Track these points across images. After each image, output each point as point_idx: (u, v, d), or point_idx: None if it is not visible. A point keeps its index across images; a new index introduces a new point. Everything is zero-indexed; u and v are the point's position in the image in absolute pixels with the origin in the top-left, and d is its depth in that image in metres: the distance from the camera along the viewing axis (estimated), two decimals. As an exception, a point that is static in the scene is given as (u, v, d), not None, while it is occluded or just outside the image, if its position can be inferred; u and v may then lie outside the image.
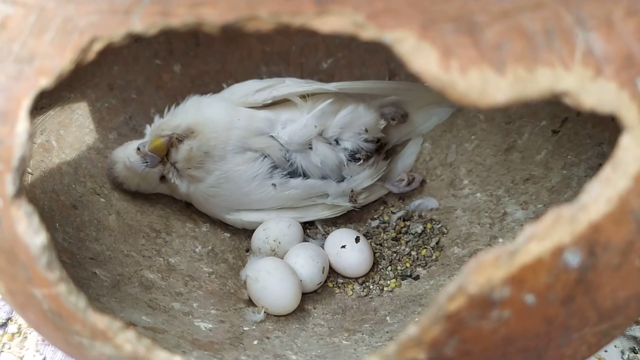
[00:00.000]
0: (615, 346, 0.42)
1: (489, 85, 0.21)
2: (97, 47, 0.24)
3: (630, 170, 0.22)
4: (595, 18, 0.23)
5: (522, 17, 0.23)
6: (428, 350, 0.22)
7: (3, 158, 0.24)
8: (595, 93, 0.22)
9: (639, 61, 0.23)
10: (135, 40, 0.51)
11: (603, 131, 0.43)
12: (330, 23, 0.22)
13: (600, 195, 0.22)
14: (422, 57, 0.21)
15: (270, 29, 0.23)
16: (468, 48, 0.22)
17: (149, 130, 0.47)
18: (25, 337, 0.43)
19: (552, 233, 0.21)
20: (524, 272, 0.21)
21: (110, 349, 0.24)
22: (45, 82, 0.24)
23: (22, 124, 0.24)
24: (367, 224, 0.51)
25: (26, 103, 0.25)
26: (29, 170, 0.42)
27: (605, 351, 0.41)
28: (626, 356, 0.41)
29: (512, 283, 0.21)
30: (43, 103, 0.46)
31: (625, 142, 0.23)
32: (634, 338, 0.42)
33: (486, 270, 0.21)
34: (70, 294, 0.24)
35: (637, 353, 0.41)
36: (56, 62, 0.24)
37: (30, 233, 0.24)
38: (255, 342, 0.39)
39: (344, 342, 0.40)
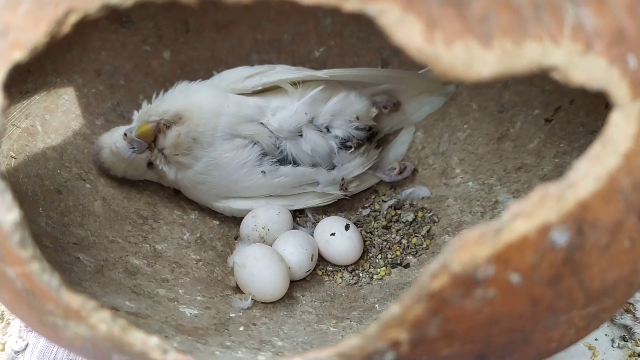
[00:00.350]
0: (605, 334, 0.41)
1: (475, 58, 0.21)
2: (73, 19, 0.23)
3: (619, 148, 0.22)
4: (586, -7, 0.23)
5: (510, -10, 0.22)
6: (410, 330, 0.21)
7: (-24, 133, 0.24)
8: (584, 68, 0.22)
9: (631, 37, 0.23)
10: (123, 26, 0.50)
11: (596, 119, 0.43)
12: (312, -6, 0.21)
13: (588, 173, 0.21)
14: (405, 29, 0.21)
15: (250, 1, 0.22)
16: (453, 20, 0.21)
17: (136, 116, 0.47)
18: (8, 324, 0.43)
19: (538, 211, 0.21)
20: (509, 250, 0.21)
21: (84, 329, 0.23)
22: (19, 55, 0.24)
23: (-4, 97, 0.24)
24: (358, 213, 0.51)
25: (0, 77, 0.24)
26: (12, 154, 0.41)
27: (596, 340, 0.41)
28: (617, 344, 0.41)
29: (497, 262, 0.21)
30: (28, 87, 0.45)
31: (615, 119, 0.22)
32: (625, 326, 0.41)
33: (470, 248, 0.20)
34: (44, 272, 0.23)
35: (627, 341, 0.41)
36: (30, 35, 0.24)
37: (3, 210, 0.23)
38: (241, 329, 0.38)
39: (331, 328, 0.39)
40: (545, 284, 0.22)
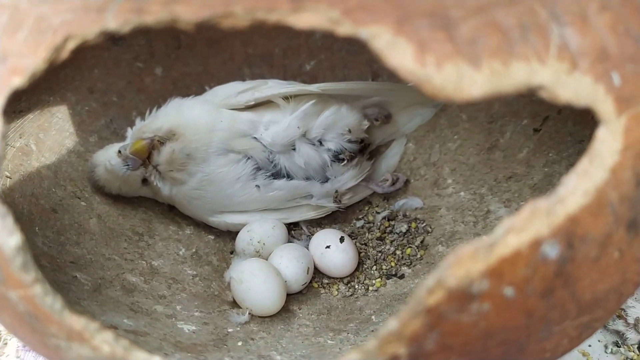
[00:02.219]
0: (598, 340, 0.42)
1: (465, 79, 0.21)
2: (71, 45, 0.24)
3: (606, 163, 0.23)
4: (570, 13, 0.24)
5: (497, 12, 0.23)
6: (408, 345, 0.22)
7: (-24, 159, 0.24)
8: (571, 86, 0.23)
9: (614, 55, 0.24)
10: (116, 43, 0.51)
11: (584, 129, 0.44)
12: (306, 19, 0.22)
13: (577, 188, 0.22)
14: (397, 52, 0.21)
15: (246, 26, 0.23)
16: (443, 43, 0.22)
17: (130, 133, 0.47)
18: (6, 343, 0.43)
19: (529, 225, 0.21)
20: (503, 265, 0.21)
21: (87, 350, 0.24)
22: (18, 81, 0.24)
23: (-5, 123, 0.24)
24: (352, 224, 0.51)
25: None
26: (7, 174, 0.41)
27: (589, 346, 0.41)
28: (610, 350, 0.41)
29: (491, 276, 0.21)
30: (22, 106, 0.45)
31: (602, 134, 0.23)
32: (617, 332, 0.42)
33: (465, 263, 0.21)
34: (46, 295, 0.23)
35: (620, 347, 0.41)
36: (29, 61, 0.24)
37: (4, 234, 0.23)
38: (240, 344, 0.38)
39: (329, 341, 0.40)
40: (538, 297, 0.22)
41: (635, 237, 0.24)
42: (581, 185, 0.22)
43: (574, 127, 0.44)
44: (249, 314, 0.42)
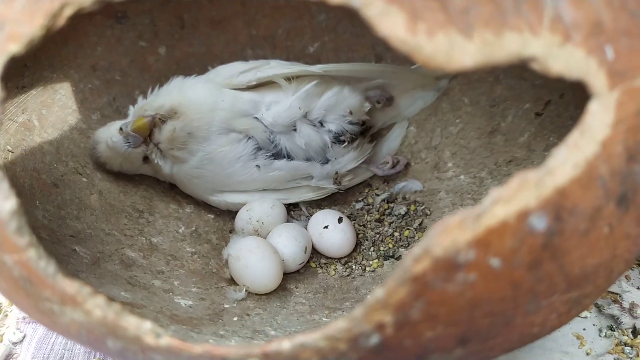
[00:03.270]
0: (593, 324, 0.42)
1: (456, 48, 0.21)
2: (68, 12, 0.24)
3: (597, 136, 0.23)
4: (566, -14, 0.23)
5: (491, -16, 0.23)
6: (394, 313, 0.22)
7: (-27, 123, 0.24)
8: (563, 59, 0.23)
9: (608, 28, 0.24)
10: (119, 22, 0.51)
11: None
12: (299, -13, 0.22)
13: (567, 160, 0.22)
14: (389, 20, 0.21)
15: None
16: (436, 12, 0.22)
17: (132, 110, 0.47)
18: (6, 315, 0.43)
19: (517, 197, 0.21)
20: (490, 235, 0.21)
21: (80, 314, 0.24)
22: (15, 47, 0.24)
23: (-8, 89, 0.24)
24: (352, 206, 0.52)
25: (-3, 69, 0.24)
26: (10, 148, 0.42)
27: (584, 329, 0.42)
28: (604, 334, 0.41)
29: (478, 246, 0.21)
30: (25, 82, 0.45)
31: (593, 108, 0.23)
32: (612, 316, 0.42)
33: (452, 232, 0.21)
34: (40, 259, 0.24)
35: (614, 331, 0.41)
36: (26, 28, 0.24)
37: (0, 198, 0.24)
38: (235, 319, 0.39)
39: (324, 319, 0.40)
40: (525, 269, 0.22)
41: (626, 213, 0.24)
42: (571, 157, 0.22)
43: (575, 112, 0.44)
44: (246, 291, 0.42)
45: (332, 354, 0.23)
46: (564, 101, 0.45)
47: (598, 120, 0.23)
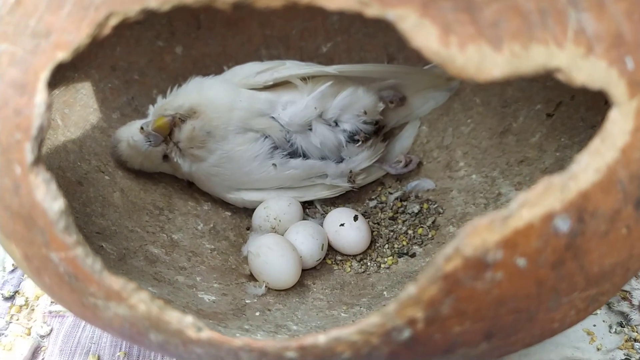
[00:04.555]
0: (603, 321, 0.43)
1: (486, 60, 0.23)
2: (113, 22, 0.25)
3: (617, 143, 0.24)
4: (588, -1, 0.25)
5: (518, -3, 0.24)
6: (425, 309, 0.23)
7: (22, 127, 0.26)
8: (586, 70, 0.24)
9: (629, 40, 0.25)
10: (137, 22, 0.52)
11: (596, 115, 0.45)
12: (337, 1, 0.23)
13: (589, 165, 0.23)
14: (422, 33, 0.23)
15: (280, 6, 0.24)
16: (466, 25, 0.23)
17: (151, 110, 0.48)
18: (33, 310, 0.44)
19: (543, 200, 0.23)
20: (516, 236, 0.23)
21: (124, 309, 0.25)
22: (62, 55, 0.25)
23: (41, 95, 0.25)
24: (365, 204, 0.53)
25: (44, 75, 0.26)
26: (36, 147, 0.43)
27: (594, 325, 0.43)
28: (614, 330, 0.43)
29: (505, 246, 0.23)
30: (48, 82, 0.46)
31: (614, 116, 0.24)
32: (622, 313, 0.43)
33: (481, 233, 0.22)
34: (87, 257, 0.25)
35: (624, 327, 0.43)
36: (73, 37, 0.25)
37: (49, 199, 0.25)
38: (257, 314, 0.40)
39: (342, 314, 0.41)
40: (549, 268, 0.24)
41: (643, 215, 0.25)
42: (593, 163, 0.23)
43: (586, 113, 0.45)
44: (266, 286, 0.43)
45: (365, 347, 0.24)
46: (575, 103, 0.46)
47: (618, 128, 0.24)
